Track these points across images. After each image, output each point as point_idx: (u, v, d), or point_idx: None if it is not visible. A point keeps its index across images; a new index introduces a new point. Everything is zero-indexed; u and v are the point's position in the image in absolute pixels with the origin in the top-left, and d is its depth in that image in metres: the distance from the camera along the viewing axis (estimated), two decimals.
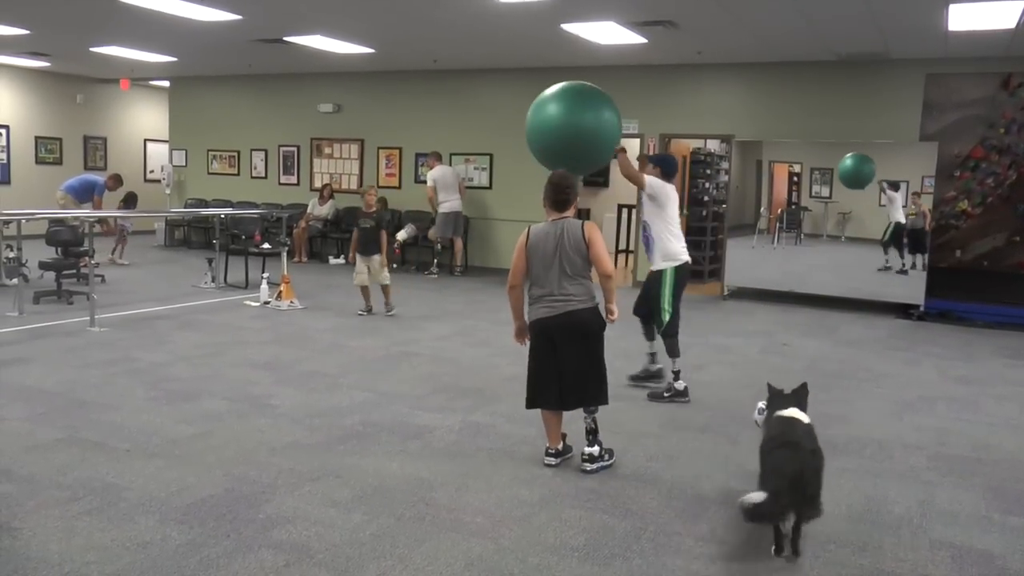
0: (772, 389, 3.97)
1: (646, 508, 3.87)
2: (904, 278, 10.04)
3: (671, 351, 5.76)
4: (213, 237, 11.24)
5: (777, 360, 7.18)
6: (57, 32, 10.90)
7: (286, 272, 9.33)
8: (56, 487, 3.85)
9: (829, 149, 10.53)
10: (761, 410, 4.00)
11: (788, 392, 3.91)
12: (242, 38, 10.63)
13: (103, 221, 11.41)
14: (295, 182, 14.66)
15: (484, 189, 12.95)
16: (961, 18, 7.86)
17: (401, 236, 12.48)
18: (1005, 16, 7.74)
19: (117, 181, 11.72)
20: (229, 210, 12.78)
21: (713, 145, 12.84)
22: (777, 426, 3.69)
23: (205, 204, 15.09)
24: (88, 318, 7.56)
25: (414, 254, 12.93)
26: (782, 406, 3.82)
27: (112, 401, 5.27)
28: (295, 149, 14.63)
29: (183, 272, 11.45)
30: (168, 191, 15.80)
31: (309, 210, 13.61)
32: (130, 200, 12.28)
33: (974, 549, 3.54)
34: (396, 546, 3.38)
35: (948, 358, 7.51)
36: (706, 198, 12.52)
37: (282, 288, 9.07)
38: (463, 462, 4.40)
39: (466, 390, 5.85)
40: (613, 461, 4.40)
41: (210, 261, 10.42)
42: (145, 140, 17.48)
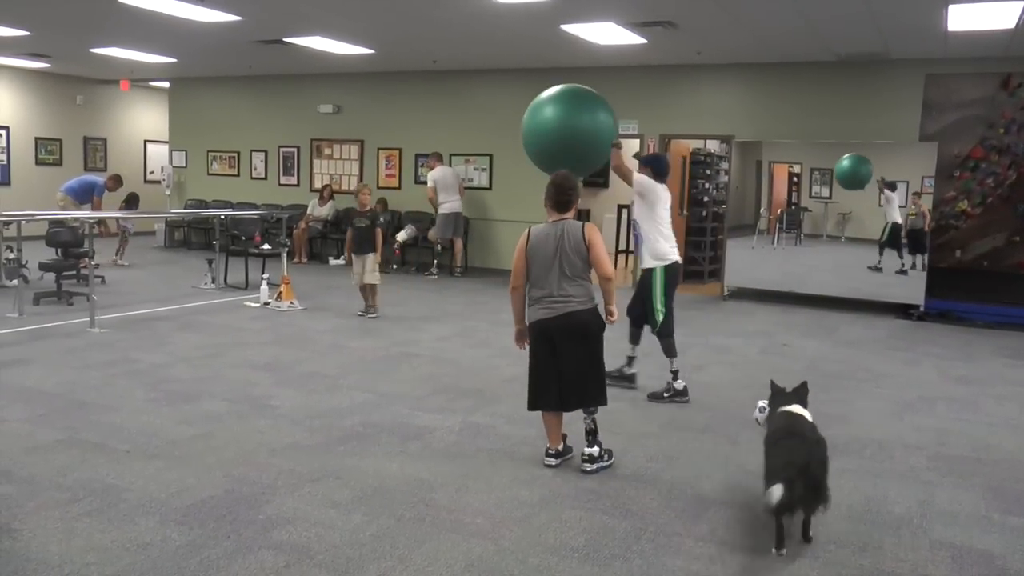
0: (775, 387, 4.07)
1: (646, 508, 3.87)
2: (904, 278, 10.04)
3: (668, 351, 5.75)
4: (213, 238, 11.26)
5: (777, 360, 7.18)
6: (57, 33, 10.90)
7: (286, 273, 9.33)
8: (56, 488, 3.85)
9: (829, 149, 10.52)
10: (762, 408, 4.08)
11: (790, 390, 4.00)
12: (242, 39, 10.64)
13: (101, 223, 11.41)
14: (295, 183, 14.67)
15: (484, 190, 12.95)
16: (961, 18, 7.86)
17: (401, 237, 12.48)
18: (1005, 16, 7.74)
19: (117, 182, 11.70)
20: (229, 211, 12.80)
21: (713, 146, 12.84)
22: (781, 420, 3.78)
23: (205, 205, 15.09)
24: (88, 319, 7.56)
25: (414, 255, 12.93)
26: (784, 403, 3.92)
27: (112, 402, 5.27)
28: (295, 150, 14.64)
29: (183, 273, 11.45)
30: (168, 192, 15.80)
31: (309, 211, 13.61)
32: (132, 201, 12.28)
33: (974, 549, 3.54)
34: (396, 547, 3.38)
35: (948, 358, 7.51)
36: (706, 199, 12.53)
37: (282, 289, 9.07)
38: (463, 463, 4.40)
39: (466, 391, 5.85)
40: (613, 462, 4.40)
41: (210, 262, 10.42)
42: (145, 141, 17.49)
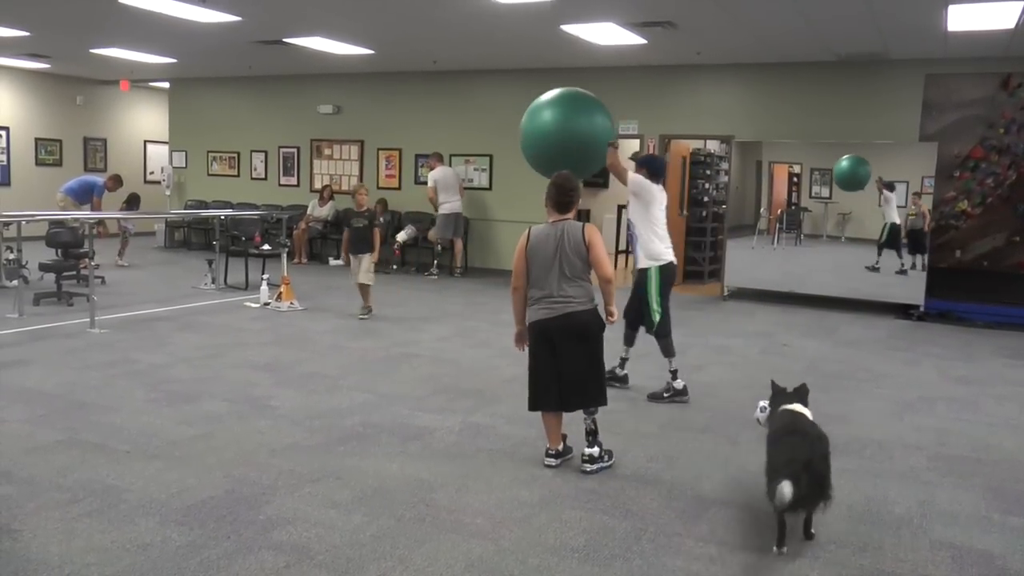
0: (776, 387, 4.11)
1: (646, 509, 3.87)
2: (904, 278, 10.04)
3: (666, 351, 5.75)
4: (213, 238, 11.26)
5: (777, 361, 7.18)
6: (57, 34, 10.91)
7: (286, 273, 9.33)
8: (56, 489, 3.85)
9: (829, 149, 10.52)
10: (763, 408, 4.11)
11: (791, 390, 4.04)
12: (242, 39, 10.64)
13: (100, 223, 11.40)
14: (295, 183, 14.67)
15: (484, 190, 12.95)
16: (960, 18, 7.86)
17: (401, 237, 12.49)
18: (1004, 16, 7.74)
19: (117, 182, 11.69)
20: (229, 211, 12.80)
21: (713, 146, 12.85)
22: (784, 418, 3.82)
23: (205, 205, 15.09)
24: (88, 320, 7.56)
25: (414, 255, 12.92)
26: (786, 403, 3.96)
27: (112, 403, 5.27)
28: (295, 150, 14.64)
29: (183, 273, 11.45)
30: (168, 192, 15.81)
31: (309, 211, 13.61)
32: (133, 201, 12.28)
33: (974, 549, 3.54)
34: (396, 547, 3.38)
35: (948, 358, 7.51)
36: (706, 199, 12.54)
37: (282, 289, 9.07)
38: (463, 463, 4.40)
39: (466, 391, 5.85)
40: (613, 462, 4.40)
41: (210, 262, 10.42)
42: (145, 141, 17.49)
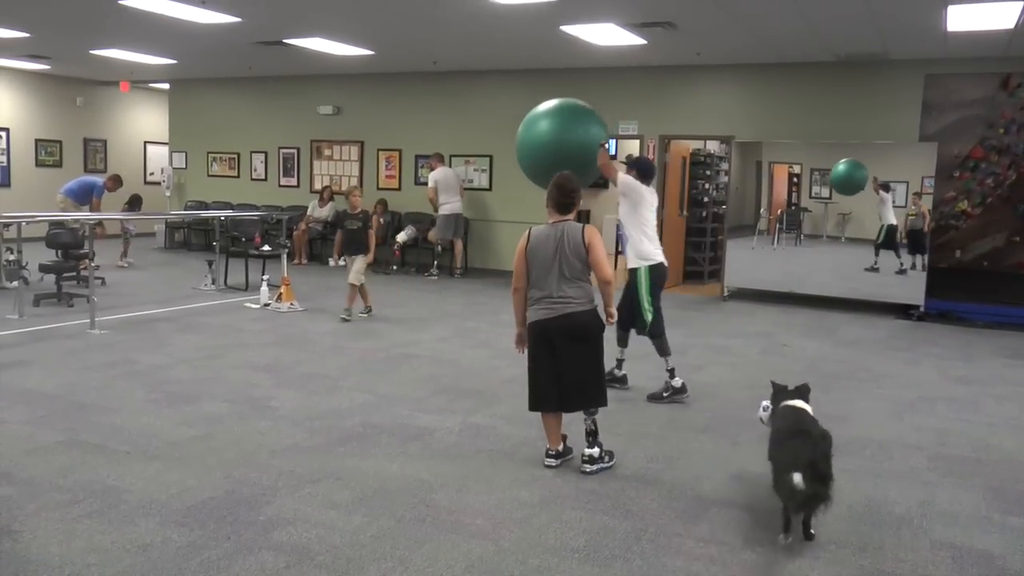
0: (776, 385, 4.14)
1: (646, 509, 3.88)
2: (904, 278, 10.04)
3: (661, 351, 5.77)
4: (213, 239, 11.26)
5: (777, 361, 7.18)
6: (57, 35, 10.91)
7: (286, 274, 9.33)
8: (56, 490, 3.85)
9: (829, 150, 10.53)
10: (766, 407, 4.14)
11: (791, 388, 4.07)
12: (242, 40, 10.64)
13: (99, 224, 11.39)
14: (295, 184, 14.67)
15: (484, 191, 12.95)
16: (960, 18, 7.86)
17: (401, 238, 12.49)
18: (1004, 16, 7.74)
19: (116, 182, 11.68)
20: (229, 212, 12.80)
21: (713, 146, 12.85)
22: (786, 416, 3.84)
23: (205, 206, 15.09)
24: (88, 321, 7.56)
25: (414, 256, 12.92)
26: (787, 400, 4.00)
27: (112, 404, 5.27)
28: (295, 151, 14.64)
29: (183, 274, 11.46)
30: (168, 193, 15.81)
31: (309, 212, 13.60)
32: (135, 202, 12.27)
33: (974, 549, 3.55)
34: (396, 548, 3.38)
35: (948, 358, 7.51)
36: (706, 199, 12.54)
37: (282, 290, 9.07)
38: (463, 464, 4.41)
39: (466, 392, 5.85)
40: (613, 463, 4.40)
41: (210, 263, 10.42)
42: (145, 142, 17.50)
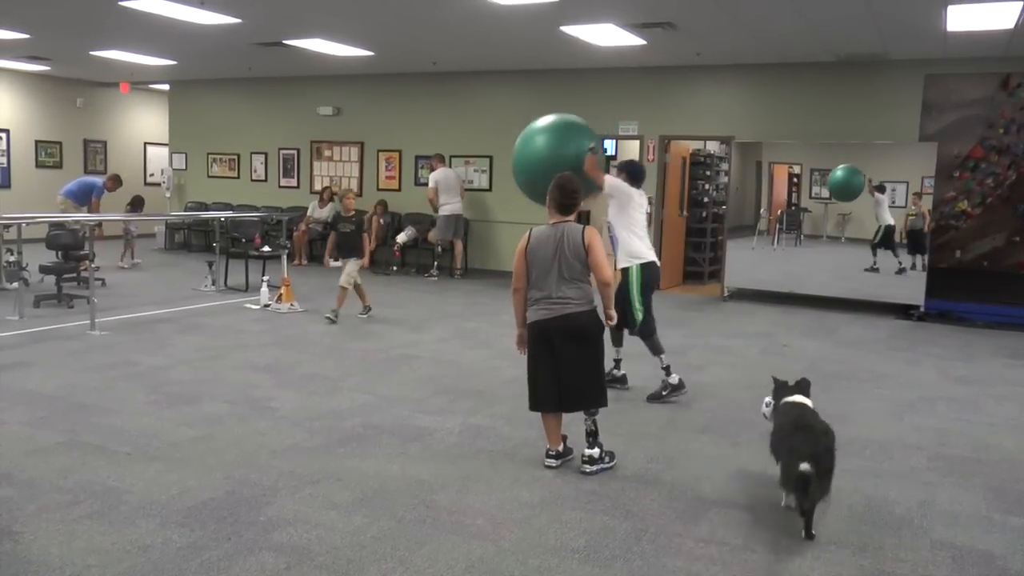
0: (777, 381, 4.20)
1: (646, 509, 3.88)
2: (904, 278, 10.05)
3: (654, 350, 5.78)
4: (213, 240, 11.26)
5: (777, 361, 7.17)
6: (57, 36, 10.91)
7: (286, 275, 9.33)
8: (57, 491, 3.85)
9: (829, 150, 10.53)
10: (768, 403, 4.19)
11: (792, 383, 4.14)
12: (241, 41, 10.64)
13: (99, 225, 11.40)
14: (295, 185, 14.68)
15: (484, 191, 12.95)
16: (960, 19, 7.86)
17: (401, 239, 12.48)
18: (1004, 16, 7.74)
19: (116, 182, 11.68)
20: (229, 213, 12.79)
21: (713, 146, 12.85)
22: (789, 411, 3.89)
23: (205, 207, 15.09)
24: (88, 322, 7.56)
25: (414, 256, 12.92)
26: (788, 395, 4.05)
27: (113, 405, 5.27)
28: (295, 152, 14.65)
29: (183, 275, 11.46)
30: (168, 194, 15.81)
31: (309, 213, 13.59)
32: (136, 204, 12.28)
33: (975, 549, 3.54)
34: (397, 548, 3.38)
35: (948, 358, 7.51)
36: (706, 199, 12.54)
37: (282, 291, 9.08)
38: (464, 464, 4.41)
39: (466, 392, 5.85)
40: (614, 463, 4.40)
41: (210, 264, 10.42)
42: (145, 143, 17.50)
